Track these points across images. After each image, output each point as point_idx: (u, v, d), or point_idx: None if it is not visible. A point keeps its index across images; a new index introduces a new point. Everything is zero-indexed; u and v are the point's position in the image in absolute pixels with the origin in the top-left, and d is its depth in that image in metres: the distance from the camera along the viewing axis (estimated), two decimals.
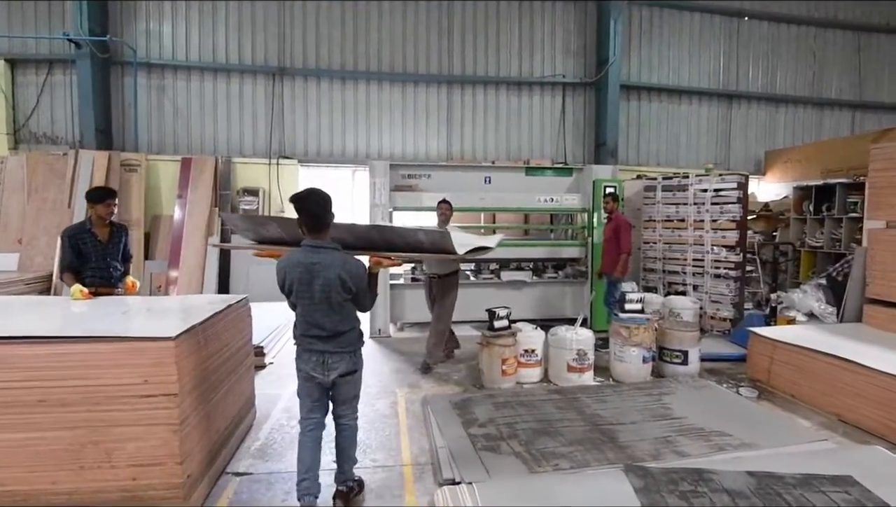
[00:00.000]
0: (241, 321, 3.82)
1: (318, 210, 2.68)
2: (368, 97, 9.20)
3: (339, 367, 2.74)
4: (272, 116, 8.90)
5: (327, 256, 2.63)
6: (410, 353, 6.12)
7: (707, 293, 7.34)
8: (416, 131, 9.38)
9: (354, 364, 2.82)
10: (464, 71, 9.44)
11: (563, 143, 9.90)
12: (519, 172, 7.51)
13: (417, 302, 7.07)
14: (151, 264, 8.22)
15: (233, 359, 3.56)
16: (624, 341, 5.04)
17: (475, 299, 7.23)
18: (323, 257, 2.62)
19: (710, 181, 7.25)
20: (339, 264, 2.61)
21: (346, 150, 9.18)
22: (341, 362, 2.74)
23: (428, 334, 5.55)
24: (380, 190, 6.69)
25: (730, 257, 7.10)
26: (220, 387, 3.27)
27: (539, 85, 9.77)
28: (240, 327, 3.77)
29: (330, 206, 2.73)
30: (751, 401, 4.66)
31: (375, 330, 6.89)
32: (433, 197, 6.72)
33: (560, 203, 7.32)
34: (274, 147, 8.93)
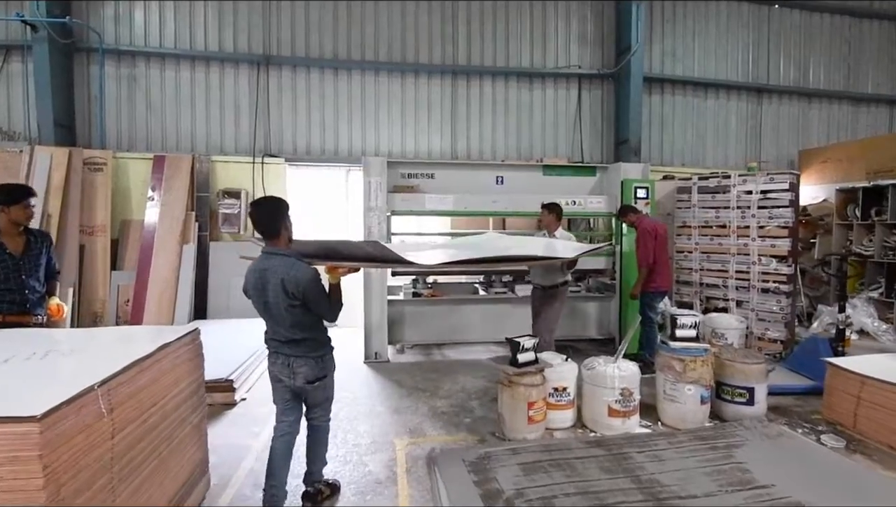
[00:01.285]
0: (185, 364, 2.84)
1: (266, 218, 2.74)
2: (364, 89, 8.26)
3: (304, 372, 2.78)
4: (256, 110, 7.95)
5: (277, 261, 2.68)
6: (412, 386, 5.14)
7: (753, 310, 6.39)
8: (416, 128, 8.44)
9: (321, 370, 2.83)
10: (469, 61, 8.51)
11: (579, 140, 8.95)
12: (535, 171, 6.57)
13: (420, 320, 6.12)
14: (118, 276, 7.24)
15: (170, 419, 2.59)
16: (677, 376, 4.06)
17: (486, 316, 6.29)
18: (273, 263, 2.68)
19: (756, 181, 6.30)
20: (284, 270, 2.63)
21: (339, 147, 8.22)
22: (305, 367, 2.78)
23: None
24: (376, 191, 5.74)
25: (781, 268, 6.15)
26: (143, 466, 2.29)
27: (552, 77, 8.83)
28: (183, 371, 2.80)
29: (280, 213, 2.75)
30: (841, 456, 3.69)
31: (371, 354, 5.92)
32: (437, 200, 5.79)
33: (584, 207, 6.36)
34: (258, 144, 7.98)
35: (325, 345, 2.86)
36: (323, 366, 2.83)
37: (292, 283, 2.60)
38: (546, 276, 4.95)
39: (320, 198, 8.29)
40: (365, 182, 5.77)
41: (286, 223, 2.75)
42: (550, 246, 4.22)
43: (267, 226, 2.72)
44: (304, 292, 2.61)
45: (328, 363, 2.87)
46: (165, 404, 2.56)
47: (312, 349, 2.78)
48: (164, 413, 2.54)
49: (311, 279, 2.62)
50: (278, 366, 2.83)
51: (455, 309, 6.22)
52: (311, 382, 2.79)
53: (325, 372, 2.85)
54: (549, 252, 4.00)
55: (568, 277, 5.03)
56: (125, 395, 2.19)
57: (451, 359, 6.12)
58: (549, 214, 5.02)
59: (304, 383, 2.79)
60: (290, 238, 2.80)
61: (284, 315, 2.68)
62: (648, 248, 5.37)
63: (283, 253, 2.69)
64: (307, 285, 2.61)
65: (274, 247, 2.73)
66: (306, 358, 2.77)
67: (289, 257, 2.67)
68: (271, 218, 2.72)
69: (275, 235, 2.73)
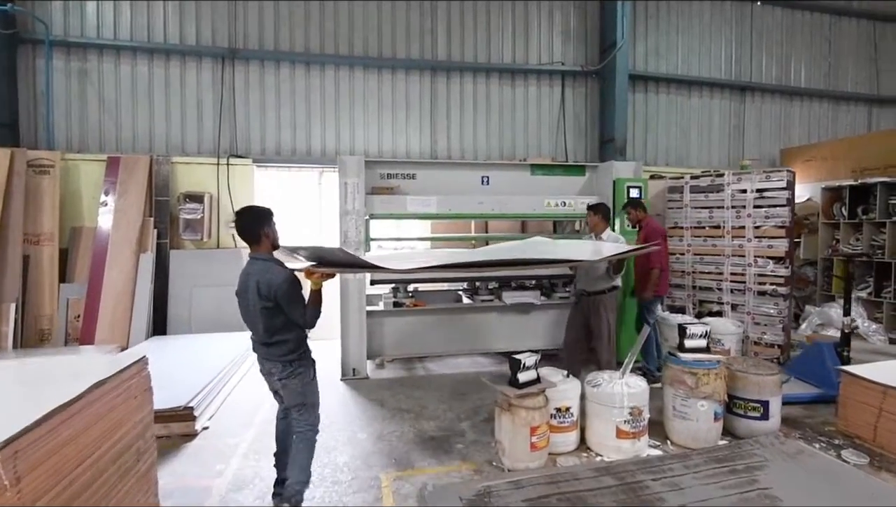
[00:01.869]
0: (129, 402, 2.35)
1: (245, 225, 2.86)
2: (338, 86, 7.78)
3: (275, 374, 2.88)
4: (221, 108, 7.39)
5: (257, 266, 2.81)
6: (395, 407, 4.69)
7: (749, 314, 6.14)
8: (394, 126, 7.99)
9: (290, 374, 2.86)
10: (449, 56, 8.12)
11: (563, 139, 8.65)
12: (523, 170, 6.20)
13: (401, 332, 5.68)
14: (68, 289, 6.58)
15: (108, 474, 2.10)
16: (689, 392, 3.72)
17: (472, 326, 5.88)
18: (254, 268, 2.82)
19: (751, 180, 6.06)
20: (260, 274, 2.74)
21: (312, 147, 7.72)
22: (275, 370, 2.87)
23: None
24: (353, 193, 5.28)
25: (778, 270, 5.91)
26: None
27: (535, 73, 8.51)
28: (125, 411, 2.30)
29: (259, 221, 2.86)
30: (868, 474, 3.39)
31: (349, 370, 5.45)
32: (419, 202, 5.37)
33: (574, 208, 6.01)
34: (223, 145, 7.41)
35: (296, 351, 2.87)
36: (292, 370, 2.87)
37: (265, 285, 2.71)
38: (591, 280, 4.62)
39: (292, 201, 7.77)
40: (341, 183, 5.30)
41: (266, 230, 2.86)
42: (598, 250, 4.09)
43: (246, 232, 2.86)
44: (277, 295, 2.70)
45: (300, 369, 2.90)
46: (101, 457, 2.07)
47: (284, 353, 2.84)
48: (99, 468, 2.05)
49: (285, 282, 2.71)
50: (259, 364, 2.99)
51: (438, 319, 5.80)
52: (280, 379, 2.89)
53: (294, 376, 2.87)
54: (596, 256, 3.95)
55: (616, 281, 4.67)
56: (41, 455, 1.70)
57: (436, 374, 5.69)
58: (595, 216, 4.73)
59: (276, 382, 2.92)
60: (275, 244, 2.92)
61: (259, 317, 2.78)
62: (664, 248, 5.14)
63: (263, 258, 2.84)
64: (279, 288, 2.70)
65: (256, 253, 2.87)
66: (276, 361, 2.86)
67: (267, 262, 2.82)
68: (251, 225, 2.85)
69: (255, 242, 2.86)
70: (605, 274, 4.59)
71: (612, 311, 4.69)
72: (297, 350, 2.88)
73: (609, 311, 4.65)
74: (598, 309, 4.64)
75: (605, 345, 4.65)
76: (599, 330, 4.65)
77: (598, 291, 4.64)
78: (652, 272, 5.17)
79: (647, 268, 5.23)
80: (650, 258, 5.13)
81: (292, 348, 2.86)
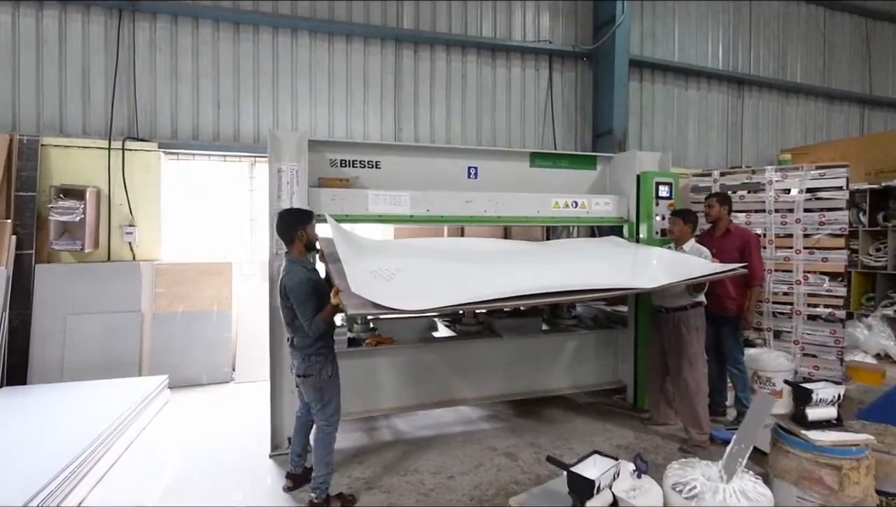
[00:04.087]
0: None
1: (284, 226, 3.05)
2: (276, 54, 6.11)
3: (296, 365, 3.06)
4: (116, 75, 5.56)
5: (287, 266, 3.01)
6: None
7: (797, 343, 4.94)
8: (349, 108, 6.40)
9: (307, 369, 3.00)
10: (418, 25, 6.62)
11: (551, 130, 7.32)
12: (520, 160, 4.75)
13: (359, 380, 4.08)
14: None
15: None
16: (828, 495, 2.34)
17: (455, 366, 4.36)
18: (285, 267, 3.01)
19: (801, 177, 4.87)
20: (284, 274, 2.97)
21: (241, 131, 6.00)
22: (295, 361, 3.07)
23: (675, 400, 4.08)
24: (289, 184, 3.65)
25: (835, 288, 4.74)
26: None
27: (519, 51, 7.15)
28: None
29: (297, 223, 3.04)
30: None
31: (281, 440, 3.79)
32: (387, 199, 3.84)
33: (589, 210, 4.62)
34: (119, 124, 5.58)
35: (311, 346, 2.99)
36: (309, 365, 2.99)
37: (284, 285, 2.94)
38: (668, 295, 3.94)
39: (214, 200, 6.02)
40: (272, 170, 3.66)
41: (301, 232, 3.03)
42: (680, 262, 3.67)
43: (284, 234, 3.06)
44: (290, 295, 2.91)
45: (318, 365, 3.01)
46: None
47: (300, 347, 3.01)
48: None
49: (299, 283, 2.89)
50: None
51: (409, 359, 4.23)
52: (299, 375, 3.05)
53: (310, 372, 3.00)
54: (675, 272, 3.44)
55: (699, 297, 3.92)
56: None
57: (408, 438, 4.12)
58: (685, 225, 4.01)
59: (295, 377, 3.10)
60: (309, 246, 3.10)
61: (285, 315, 3.01)
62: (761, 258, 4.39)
63: (291, 259, 3.02)
64: (292, 288, 2.90)
65: (289, 254, 3.07)
66: (295, 353, 3.05)
67: (293, 263, 3.00)
68: (288, 227, 3.04)
69: (289, 243, 3.05)
70: (686, 288, 3.81)
71: (697, 330, 3.91)
72: (315, 344, 2.99)
73: (692, 331, 3.89)
74: (679, 328, 3.91)
75: (694, 364, 3.88)
76: (680, 355, 3.91)
77: (680, 306, 3.92)
78: (753, 290, 4.19)
79: (746, 283, 4.17)
80: (753, 271, 4.07)
81: (310, 342, 2.98)
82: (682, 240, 4.02)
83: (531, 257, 3.98)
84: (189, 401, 4.99)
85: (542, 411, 4.64)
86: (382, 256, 3.42)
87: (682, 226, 4.00)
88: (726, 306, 4.20)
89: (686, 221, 4.02)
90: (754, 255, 4.15)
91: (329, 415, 3.05)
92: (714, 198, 4.32)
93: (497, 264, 3.75)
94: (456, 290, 2.92)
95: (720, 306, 4.19)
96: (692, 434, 3.83)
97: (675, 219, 4.07)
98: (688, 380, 3.86)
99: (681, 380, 3.89)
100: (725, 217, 4.30)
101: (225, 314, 5.60)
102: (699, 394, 3.86)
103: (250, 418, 4.43)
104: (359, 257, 3.16)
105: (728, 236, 4.25)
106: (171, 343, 5.38)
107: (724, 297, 4.20)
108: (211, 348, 5.52)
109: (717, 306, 4.17)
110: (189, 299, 5.52)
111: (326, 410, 3.05)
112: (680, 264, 3.69)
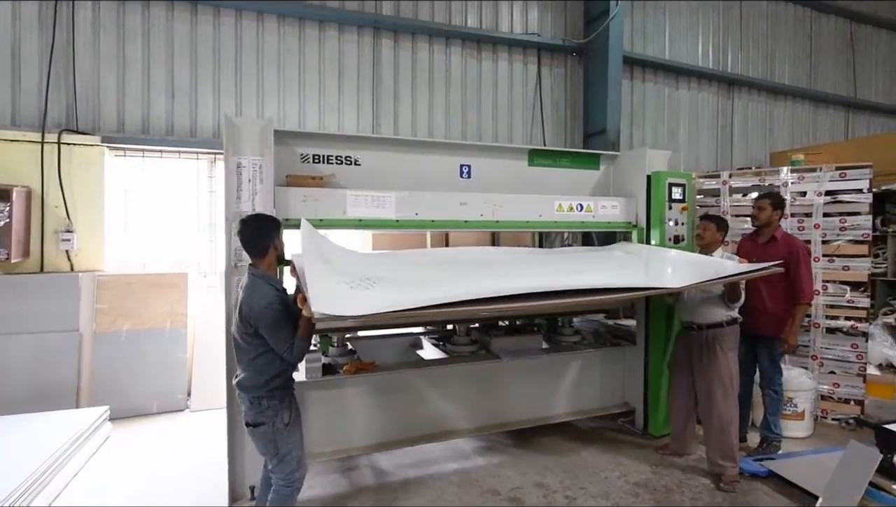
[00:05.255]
0: None
1: (253, 235, 2.50)
2: (240, 39, 5.47)
3: (244, 410, 2.49)
4: (51, 58, 4.83)
5: (250, 282, 2.45)
6: None
7: (815, 358, 4.56)
8: (323, 101, 5.79)
9: (257, 416, 2.43)
10: (398, 11, 6.07)
11: (540, 129, 6.85)
12: (517, 158, 4.24)
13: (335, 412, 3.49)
14: None
15: None
16: None
17: (445, 391, 3.81)
18: (247, 284, 2.46)
19: (819, 179, 4.50)
20: (247, 294, 2.41)
21: (200, 125, 5.33)
22: (243, 406, 2.50)
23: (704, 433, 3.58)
24: (251, 181, 3.04)
25: (857, 299, 4.38)
26: None
27: (506, 44, 6.67)
28: None
29: (262, 232, 2.51)
30: None
31: (241, 489, 3.14)
32: (368, 201, 3.28)
33: (595, 214, 4.12)
34: (55, 115, 4.85)
35: (263, 386, 2.43)
36: (260, 410, 2.43)
37: (247, 308, 2.38)
38: (700, 308, 3.51)
39: (167, 203, 5.32)
40: (230, 165, 3.04)
41: (276, 242, 2.55)
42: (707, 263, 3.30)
43: (254, 245, 2.51)
44: (257, 320, 2.36)
45: (268, 409, 2.44)
46: None
47: (249, 387, 2.44)
48: None
49: (268, 306, 2.36)
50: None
51: (393, 387, 3.64)
52: (248, 424, 2.47)
53: (261, 420, 2.43)
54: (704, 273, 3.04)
55: (735, 312, 3.49)
56: None
57: (392, 481, 3.53)
58: (717, 231, 3.59)
59: (244, 422, 2.50)
60: (281, 257, 2.59)
61: (240, 344, 2.46)
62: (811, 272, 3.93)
63: (256, 274, 2.48)
64: (260, 312, 2.36)
65: (255, 268, 2.51)
66: (243, 396, 2.47)
67: (257, 279, 2.46)
68: (260, 236, 2.51)
69: (261, 255, 2.51)
70: (720, 299, 3.43)
71: (733, 350, 3.47)
72: (269, 384, 2.44)
73: (728, 350, 3.44)
74: (714, 349, 3.45)
75: (721, 401, 3.40)
76: (713, 379, 3.44)
77: (714, 323, 3.45)
78: (799, 308, 3.72)
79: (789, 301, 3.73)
80: (800, 287, 3.68)
81: (260, 384, 2.43)
82: (712, 249, 3.59)
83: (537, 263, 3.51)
84: (135, 435, 4.29)
85: (544, 440, 4.12)
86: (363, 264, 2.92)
87: (713, 233, 3.57)
88: (760, 322, 3.75)
89: (719, 228, 3.59)
90: (803, 268, 3.69)
91: (288, 473, 2.49)
92: (767, 199, 3.81)
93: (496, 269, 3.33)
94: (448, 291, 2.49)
95: (756, 322, 3.73)
96: (725, 469, 3.36)
97: (708, 224, 3.61)
98: (721, 408, 3.39)
99: (714, 408, 3.42)
100: (775, 222, 3.82)
101: (179, 333, 4.91)
102: (733, 424, 3.40)
103: (207, 454, 3.78)
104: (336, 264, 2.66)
105: (773, 244, 3.78)
106: (115, 367, 4.66)
107: (760, 312, 3.74)
108: (163, 371, 4.82)
109: (753, 322, 3.71)
110: (137, 316, 4.80)
111: (284, 466, 2.49)
112: (707, 264, 3.28)
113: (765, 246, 3.80)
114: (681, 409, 3.75)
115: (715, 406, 3.41)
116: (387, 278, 2.67)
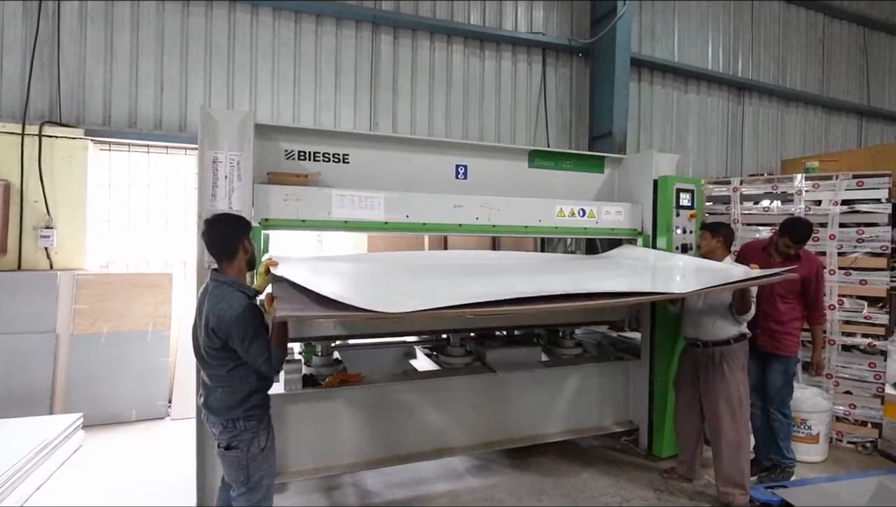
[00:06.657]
0: None
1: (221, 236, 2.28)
2: (233, 32, 5.28)
3: (216, 433, 2.26)
4: (35, 47, 4.65)
5: (216, 290, 2.21)
6: None
7: (830, 377, 4.31)
8: (318, 97, 5.59)
9: (231, 439, 2.21)
10: (398, 7, 5.87)
11: (544, 132, 6.63)
12: (516, 158, 4.01)
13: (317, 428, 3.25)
14: None
15: None
16: None
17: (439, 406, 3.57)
18: (213, 292, 2.21)
19: (835, 187, 4.26)
20: (214, 303, 2.16)
21: (189, 119, 5.13)
22: (215, 430, 2.26)
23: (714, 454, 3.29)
24: (228, 178, 2.83)
25: (875, 315, 4.13)
26: None
27: (510, 43, 6.46)
28: None
29: (231, 231, 2.29)
30: None
31: None
32: (356, 201, 3.06)
33: (598, 220, 3.89)
34: (37, 106, 4.67)
35: (240, 405, 2.21)
36: (235, 434, 2.21)
37: (215, 318, 2.13)
38: (705, 323, 3.27)
39: (154, 199, 5.13)
40: (205, 161, 2.83)
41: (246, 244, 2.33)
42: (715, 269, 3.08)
43: (223, 246, 2.28)
44: (227, 332, 2.12)
45: (245, 432, 2.22)
46: None
47: (225, 408, 2.21)
48: None
49: (240, 315, 2.12)
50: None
51: (380, 400, 3.41)
52: (221, 446, 2.25)
53: (238, 444, 2.21)
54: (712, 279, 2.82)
55: (743, 328, 3.26)
56: None
57: (378, 503, 3.29)
58: (714, 239, 3.36)
59: (216, 445, 2.27)
60: (251, 262, 2.38)
61: (206, 358, 2.21)
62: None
63: (224, 281, 2.24)
64: (231, 322, 2.11)
65: (222, 273, 2.28)
66: (213, 418, 2.24)
67: (226, 287, 2.21)
68: (228, 237, 2.29)
69: (229, 257, 2.28)
70: (728, 312, 3.20)
71: (742, 368, 3.23)
72: (244, 405, 2.21)
73: (737, 369, 3.21)
74: (721, 368, 3.21)
75: (729, 424, 3.17)
76: (721, 400, 3.20)
77: (721, 340, 3.21)
78: (820, 328, 3.60)
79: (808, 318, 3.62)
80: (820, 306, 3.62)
81: (237, 401, 2.20)
82: (712, 256, 3.37)
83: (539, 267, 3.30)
84: (110, 445, 4.07)
85: (541, 458, 3.87)
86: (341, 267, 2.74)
87: (714, 243, 3.36)
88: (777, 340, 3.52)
89: (715, 235, 3.36)
90: (821, 288, 3.54)
91: (256, 501, 2.28)
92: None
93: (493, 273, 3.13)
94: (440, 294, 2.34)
95: (768, 340, 3.50)
96: (734, 497, 3.12)
97: (703, 232, 3.45)
98: (729, 432, 3.16)
99: (722, 431, 3.19)
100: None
101: (162, 336, 4.70)
102: (743, 447, 3.16)
103: (183, 468, 3.55)
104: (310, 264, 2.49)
105: (796, 260, 3.52)
106: (92, 372, 4.45)
107: (773, 331, 3.51)
108: (143, 376, 4.60)
109: (765, 340, 3.49)
110: (117, 318, 4.59)
111: (251, 495, 2.27)
112: (714, 271, 3.06)
113: (789, 261, 3.54)
114: (688, 429, 3.50)
115: (722, 430, 3.19)
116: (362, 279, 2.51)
